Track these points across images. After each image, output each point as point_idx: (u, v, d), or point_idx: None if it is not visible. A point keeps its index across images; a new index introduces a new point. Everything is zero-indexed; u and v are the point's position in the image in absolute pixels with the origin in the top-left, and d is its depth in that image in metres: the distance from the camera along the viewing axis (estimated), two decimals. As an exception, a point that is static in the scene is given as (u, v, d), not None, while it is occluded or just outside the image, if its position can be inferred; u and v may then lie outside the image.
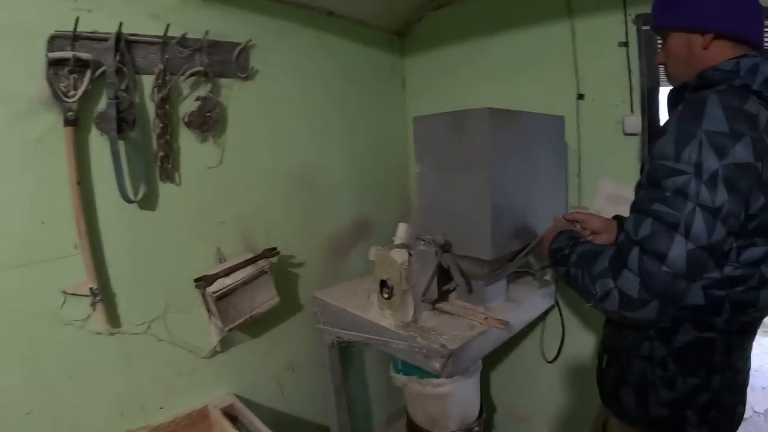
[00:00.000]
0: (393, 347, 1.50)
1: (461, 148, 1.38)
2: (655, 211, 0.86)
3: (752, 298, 0.95)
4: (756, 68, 0.90)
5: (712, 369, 1.00)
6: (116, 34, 1.34)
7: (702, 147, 0.83)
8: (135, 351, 1.48)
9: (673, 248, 0.83)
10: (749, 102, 0.87)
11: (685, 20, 1.01)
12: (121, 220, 1.42)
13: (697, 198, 0.83)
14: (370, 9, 2.01)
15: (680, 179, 0.84)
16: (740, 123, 0.84)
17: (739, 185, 0.83)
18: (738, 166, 0.82)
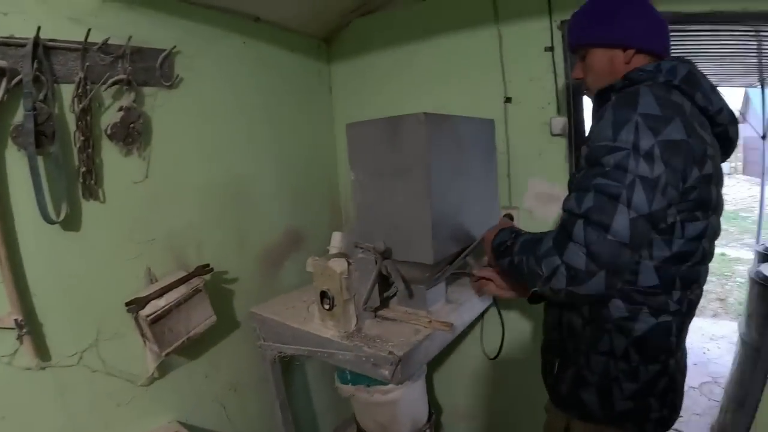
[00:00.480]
0: (339, 358, 1.62)
1: (398, 154, 1.54)
2: (597, 184, 1.00)
3: (696, 274, 1.15)
4: (675, 68, 1.12)
5: (669, 352, 1.17)
6: (34, 40, 1.35)
7: (638, 128, 0.99)
8: (69, 384, 1.50)
9: (617, 217, 0.97)
10: (674, 94, 1.09)
11: (608, 38, 1.23)
12: (42, 243, 1.44)
13: (637, 170, 0.97)
14: (296, 15, 2.14)
15: (619, 155, 0.99)
16: (669, 108, 1.03)
17: (673, 159, 0.99)
18: (671, 142, 0.99)
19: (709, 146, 1.08)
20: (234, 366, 2.01)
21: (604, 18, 1.23)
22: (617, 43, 1.22)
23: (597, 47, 1.25)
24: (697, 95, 1.11)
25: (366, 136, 1.64)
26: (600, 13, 1.25)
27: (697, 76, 1.14)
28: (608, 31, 1.23)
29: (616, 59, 1.22)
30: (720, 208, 1.17)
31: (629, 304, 1.14)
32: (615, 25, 1.22)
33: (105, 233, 1.60)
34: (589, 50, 1.28)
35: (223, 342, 1.97)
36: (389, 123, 1.56)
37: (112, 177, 1.61)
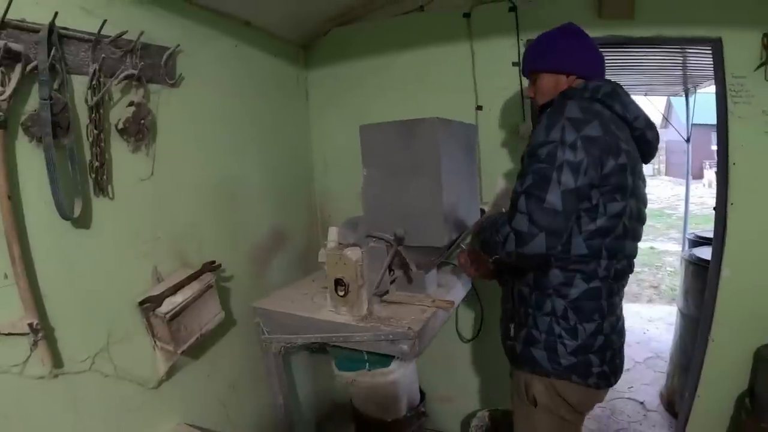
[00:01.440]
0: (356, 340, 1.65)
1: (411, 152, 1.63)
2: (533, 169, 1.25)
3: (620, 246, 1.35)
4: (599, 87, 1.38)
5: (602, 314, 1.36)
6: (49, 26, 1.22)
7: (564, 128, 1.24)
8: (81, 392, 1.34)
9: (550, 191, 1.20)
10: (595, 105, 1.34)
11: (556, 66, 1.48)
12: (53, 241, 1.29)
13: (563, 157, 1.22)
14: (281, 21, 2.13)
15: (550, 146, 1.24)
16: (590, 114, 1.27)
17: (592, 149, 1.23)
18: (590, 137, 1.23)
19: (622, 142, 1.32)
20: (232, 365, 1.92)
21: (552, 51, 1.49)
22: (561, 70, 1.47)
23: (546, 73, 1.51)
24: (616, 106, 1.37)
25: (379, 137, 1.71)
26: (549, 46, 1.51)
27: (618, 92, 1.39)
28: (555, 61, 1.48)
29: (559, 82, 1.48)
30: (639, 196, 1.40)
31: (565, 272, 1.34)
32: (559, 57, 1.48)
33: (114, 231, 1.47)
34: (539, 75, 1.53)
35: (221, 340, 1.87)
36: (403, 125, 1.66)
37: (121, 173, 1.48)
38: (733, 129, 2.08)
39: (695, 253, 2.72)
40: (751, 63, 2.03)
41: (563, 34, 1.50)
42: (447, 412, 2.57)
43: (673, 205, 13.26)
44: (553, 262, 1.34)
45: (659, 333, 4.33)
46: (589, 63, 1.48)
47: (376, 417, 1.97)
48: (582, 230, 1.30)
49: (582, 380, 1.37)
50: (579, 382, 1.37)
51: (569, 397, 1.39)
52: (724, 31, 2.04)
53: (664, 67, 3.52)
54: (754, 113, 2.05)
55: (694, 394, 2.31)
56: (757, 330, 2.18)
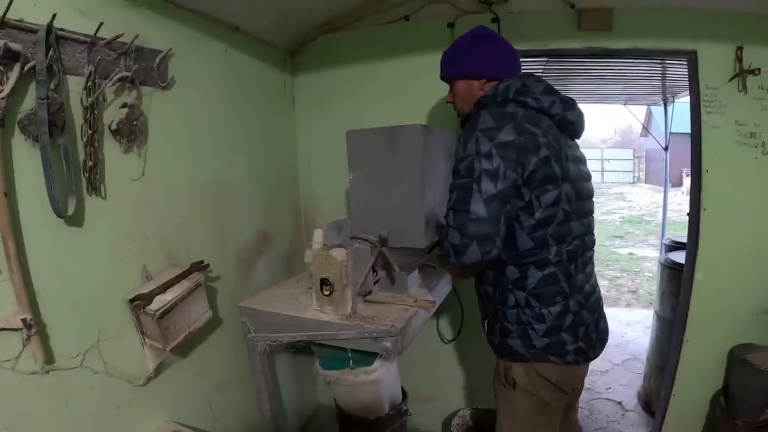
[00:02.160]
0: (341, 338, 1.72)
1: (395, 157, 1.72)
2: (456, 184, 1.33)
3: (566, 230, 1.42)
4: (508, 87, 1.45)
5: (564, 295, 1.43)
6: (47, 27, 1.27)
7: (478, 139, 1.32)
8: (72, 388, 1.38)
9: (473, 202, 1.28)
10: (508, 106, 1.41)
11: (466, 72, 1.57)
12: (47, 239, 1.33)
13: (481, 166, 1.29)
14: (269, 27, 2.20)
15: (467, 160, 1.32)
16: (502, 119, 1.35)
17: (507, 154, 1.30)
18: (504, 143, 1.31)
19: (540, 136, 1.37)
20: (219, 364, 1.97)
21: (462, 57, 1.58)
22: (472, 76, 1.56)
23: (460, 79, 1.60)
24: (528, 100, 1.43)
25: (364, 142, 1.79)
26: (459, 53, 1.60)
27: (528, 86, 1.45)
28: (464, 67, 1.58)
29: (472, 87, 1.56)
30: (574, 177, 1.46)
31: (519, 266, 1.43)
32: (469, 63, 1.56)
33: (106, 229, 1.51)
34: (454, 81, 1.62)
35: (209, 340, 1.91)
36: (387, 131, 1.74)
37: (113, 173, 1.53)
38: (706, 138, 2.21)
39: (671, 257, 2.84)
40: (724, 74, 2.17)
41: (473, 40, 1.59)
42: (429, 411, 2.65)
43: (652, 212, 13.53)
44: (507, 260, 1.42)
45: (637, 336, 4.48)
46: (500, 65, 1.55)
47: (359, 415, 2.03)
48: (523, 226, 1.39)
49: (559, 359, 1.45)
50: (556, 361, 1.45)
51: (550, 376, 1.47)
52: (699, 43, 2.17)
53: (643, 77, 3.64)
54: (727, 123, 2.19)
55: (670, 393, 2.42)
56: (730, 330, 2.31)
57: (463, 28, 2.26)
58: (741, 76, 2.14)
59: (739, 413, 2.19)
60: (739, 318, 2.31)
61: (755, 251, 2.25)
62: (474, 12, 2.26)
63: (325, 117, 2.56)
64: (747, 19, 2.12)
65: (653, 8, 2.17)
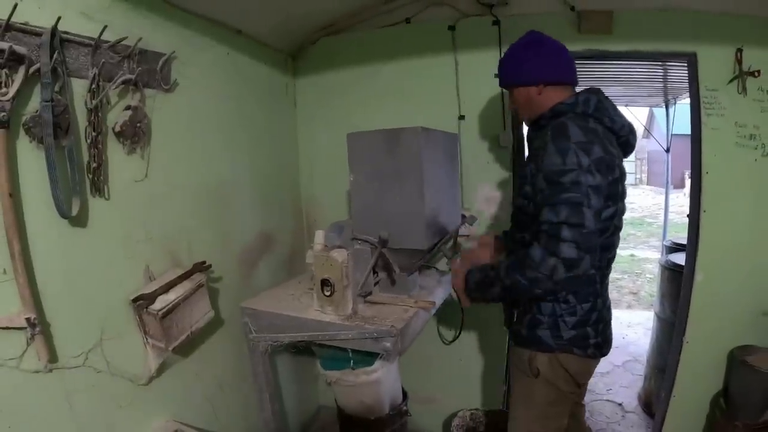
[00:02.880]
0: (341, 338, 1.74)
1: (396, 159, 1.74)
2: (564, 198, 1.34)
3: (611, 242, 1.54)
4: (588, 100, 1.50)
5: (596, 295, 1.55)
6: (52, 30, 1.30)
7: (577, 153, 1.35)
8: (75, 387, 1.40)
9: (586, 217, 1.32)
10: (589, 122, 1.46)
11: (521, 79, 1.60)
12: (51, 239, 1.35)
13: (587, 181, 1.34)
14: (271, 30, 2.23)
15: (572, 174, 1.34)
16: (590, 134, 1.40)
17: (602, 170, 1.37)
18: (599, 159, 1.37)
19: (616, 157, 1.47)
20: (220, 364, 1.98)
21: (516, 65, 1.62)
22: (529, 83, 1.58)
23: (516, 86, 1.63)
24: (605, 119, 1.51)
25: (365, 144, 1.81)
26: (513, 61, 1.63)
27: (604, 104, 1.52)
28: (519, 76, 1.61)
29: (530, 93, 1.59)
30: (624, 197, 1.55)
31: None
32: (523, 70, 1.60)
33: (109, 230, 1.53)
34: (513, 89, 1.65)
35: (210, 339, 1.93)
36: (388, 133, 1.76)
37: (117, 175, 1.55)
38: (706, 139, 2.22)
39: (671, 258, 2.85)
40: (724, 77, 2.18)
41: (525, 46, 1.62)
42: (429, 412, 2.66)
43: (653, 213, 13.47)
44: None
45: (637, 337, 4.49)
46: (553, 69, 1.58)
47: (360, 416, 2.05)
48: None
49: (582, 351, 1.55)
50: (579, 353, 1.55)
51: (570, 368, 1.56)
52: (699, 45, 2.19)
53: (645, 79, 3.65)
54: (727, 124, 2.20)
55: (670, 394, 2.43)
56: (730, 332, 2.32)
57: (463, 30, 2.31)
58: (741, 78, 2.15)
59: (739, 414, 2.20)
60: (739, 320, 2.32)
61: (755, 253, 2.27)
62: (475, 15, 2.29)
63: (327, 119, 2.59)
64: (746, 20, 2.13)
65: (653, 10, 2.19)
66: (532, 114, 1.62)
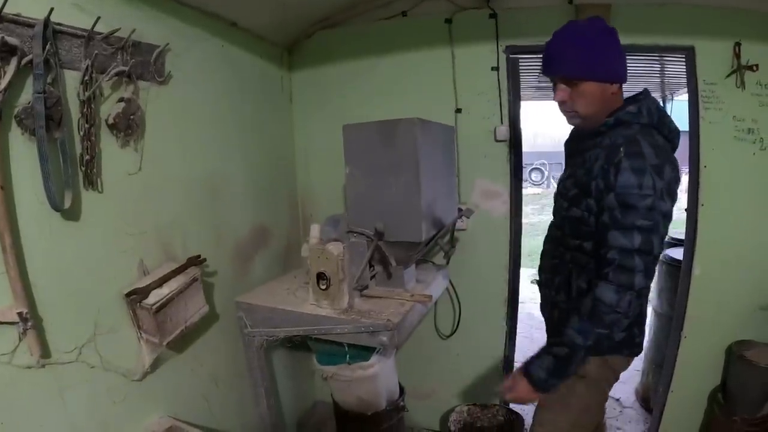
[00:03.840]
0: (337, 332, 1.73)
1: (392, 151, 1.73)
2: (639, 225, 1.28)
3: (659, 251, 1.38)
4: (651, 111, 1.40)
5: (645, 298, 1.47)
6: (44, 21, 1.28)
7: (653, 176, 1.27)
8: (68, 383, 1.39)
9: (655, 245, 1.29)
10: (656, 136, 1.38)
11: (604, 74, 1.39)
12: (43, 232, 1.34)
13: (660, 207, 1.28)
14: (266, 23, 2.21)
15: (648, 199, 1.27)
16: (661, 154, 1.32)
17: (671, 193, 1.32)
18: (668, 181, 1.30)
19: (679, 179, 1.37)
20: (215, 360, 1.98)
21: (599, 54, 1.38)
22: (610, 79, 1.40)
23: (589, 81, 1.40)
24: (665, 130, 1.43)
25: (361, 136, 1.80)
26: (593, 48, 1.38)
27: (662, 112, 1.44)
28: (605, 69, 1.40)
29: (606, 91, 1.41)
30: None
31: None
32: (609, 63, 1.40)
33: (102, 224, 1.52)
34: (581, 82, 1.41)
35: (205, 335, 1.92)
36: (384, 125, 1.75)
37: (110, 167, 1.54)
38: (704, 133, 2.22)
39: (668, 253, 2.84)
40: (722, 70, 2.18)
41: (605, 33, 1.41)
42: (426, 407, 2.67)
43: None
44: None
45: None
46: (626, 68, 1.46)
47: (356, 411, 2.05)
48: None
49: (629, 351, 1.56)
50: (628, 354, 1.57)
51: (618, 368, 1.58)
52: (697, 39, 2.19)
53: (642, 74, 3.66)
54: (725, 118, 2.20)
55: (668, 389, 2.44)
56: (728, 327, 2.33)
57: (460, 24, 2.30)
58: (739, 72, 2.15)
59: (737, 409, 2.21)
60: (737, 314, 2.32)
61: (753, 247, 2.27)
62: (472, 8, 2.28)
63: (322, 112, 2.58)
64: (745, 14, 2.13)
65: (651, 4, 2.18)
66: (598, 116, 1.44)
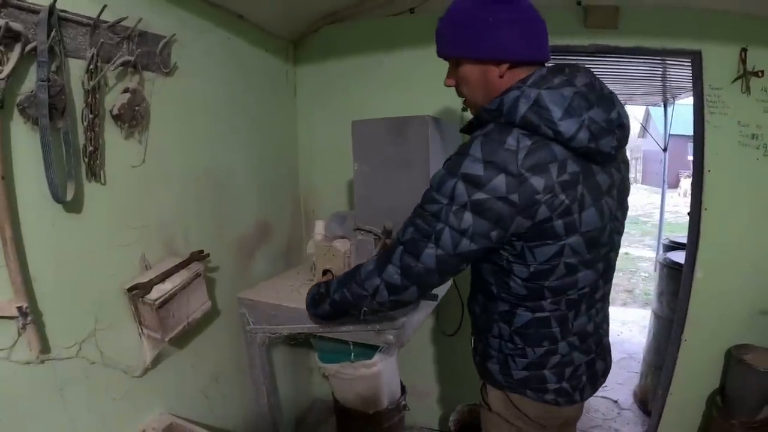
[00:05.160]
0: (342, 331, 1.71)
1: (402, 148, 1.70)
2: (416, 224, 1.13)
3: (570, 283, 1.14)
4: (515, 103, 1.03)
5: (553, 339, 1.20)
6: (50, 7, 1.23)
7: (461, 183, 1.06)
8: (67, 379, 1.34)
9: (426, 254, 1.10)
10: (510, 136, 1.03)
11: (478, 52, 1.10)
12: (45, 224, 1.29)
13: (450, 222, 1.06)
14: (274, 16, 2.17)
15: (435, 206, 1.10)
16: (498, 161, 1.01)
17: (488, 212, 1.03)
18: (483, 201, 1.03)
19: (541, 194, 1.04)
20: (216, 356, 1.94)
21: (474, 29, 1.10)
22: (489, 57, 1.11)
23: (467, 61, 1.15)
24: (544, 130, 1.04)
25: (371, 132, 1.76)
26: (469, 22, 1.11)
27: (543, 102, 1.03)
28: (479, 46, 1.10)
29: (490, 73, 1.13)
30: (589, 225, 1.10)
31: (509, 303, 1.21)
32: (486, 38, 1.09)
33: (105, 216, 1.47)
34: (461, 61, 1.17)
35: (206, 331, 1.89)
36: (395, 122, 1.72)
37: (113, 159, 1.49)
38: (709, 138, 2.22)
39: (670, 256, 2.85)
40: (728, 75, 2.18)
41: (490, 3, 1.09)
42: (427, 407, 2.65)
43: (648, 212, 13.65)
44: (496, 293, 1.23)
45: (632, 335, 4.52)
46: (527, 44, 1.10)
47: (357, 409, 2.03)
48: (516, 275, 1.15)
49: (537, 396, 1.25)
50: (533, 397, 1.25)
51: (527, 411, 1.28)
52: (704, 44, 2.18)
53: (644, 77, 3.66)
54: (730, 123, 2.20)
55: (667, 392, 2.44)
56: (728, 330, 2.33)
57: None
58: (745, 77, 2.15)
59: (735, 413, 2.21)
60: (738, 318, 2.33)
61: (755, 252, 2.27)
62: (480, 5, 2.24)
63: (327, 108, 2.55)
64: (752, 20, 2.12)
65: (660, 7, 2.17)
66: (481, 99, 1.17)
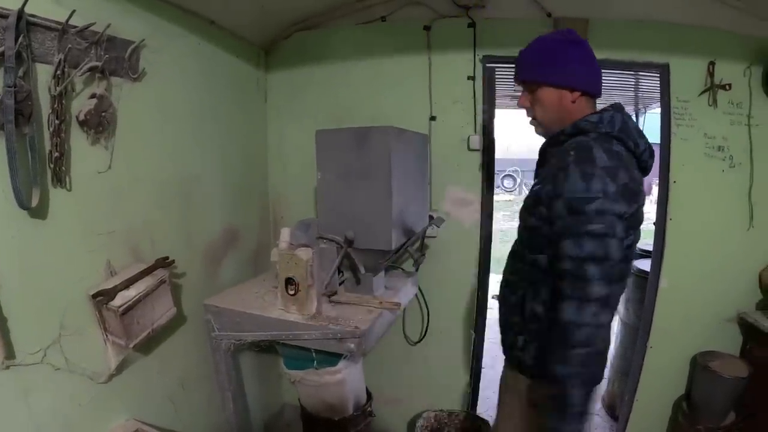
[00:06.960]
0: (305, 338, 1.79)
1: (364, 158, 1.80)
2: (589, 231, 1.24)
3: (628, 269, 1.42)
4: (613, 120, 1.38)
5: None
6: (18, 12, 1.30)
7: (604, 179, 1.24)
8: (32, 385, 1.41)
9: (612, 248, 1.24)
10: (614, 144, 1.35)
11: (559, 80, 1.42)
12: (9, 230, 1.36)
13: (612, 209, 1.23)
14: (244, 22, 2.26)
15: (596, 202, 1.23)
16: (615, 159, 1.29)
17: (626, 197, 1.26)
18: (623, 185, 1.26)
19: (639, 183, 1.36)
20: (182, 362, 2.02)
21: (557, 61, 1.43)
22: (566, 85, 1.43)
23: (549, 86, 1.45)
24: (629, 143, 1.38)
25: (334, 142, 1.86)
26: (553, 54, 1.44)
27: (629, 125, 1.40)
28: (560, 74, 1.43)
29: (564, 99, 1.44)
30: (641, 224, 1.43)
31: None
32: (566, 69, 1.42)
33: (70, 222, 1.55)
34: (540, 87, 1.46)
35: (172, 337, 1.96)
36: (358, 132, 1.83)
37: (79, 165, 1.56)
38: (675, 149, 2.35)
39: (636, 264, 2.98)
40: (695, 88, 2.32)
41: (569, 43, 1.44)
42: (394, 413, 2.76)
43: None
44: None
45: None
46: (595, 79, 1.47)
47: (323, 416, 2.11)
48: None
49: None
50: None
51: None
52: (672, 57, 2.32)
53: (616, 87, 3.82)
54: (696, 135, 2.34)
55: (633, 398, 2.58)
56: (693, 338, 2.48)
57: (438, 31, 2.40)
58: (712, 90, 2.29)
59: (701, 418, 2.35)
60: (703, 326, 2.47)
61: (719, 261, 2.42)
62: (451, 16, 2.37)
63: (297, 115, 2.65)
64: (720, 35, 2.27)
65: (629, 20, 2.30)
66: (556, 124, 1.47)
